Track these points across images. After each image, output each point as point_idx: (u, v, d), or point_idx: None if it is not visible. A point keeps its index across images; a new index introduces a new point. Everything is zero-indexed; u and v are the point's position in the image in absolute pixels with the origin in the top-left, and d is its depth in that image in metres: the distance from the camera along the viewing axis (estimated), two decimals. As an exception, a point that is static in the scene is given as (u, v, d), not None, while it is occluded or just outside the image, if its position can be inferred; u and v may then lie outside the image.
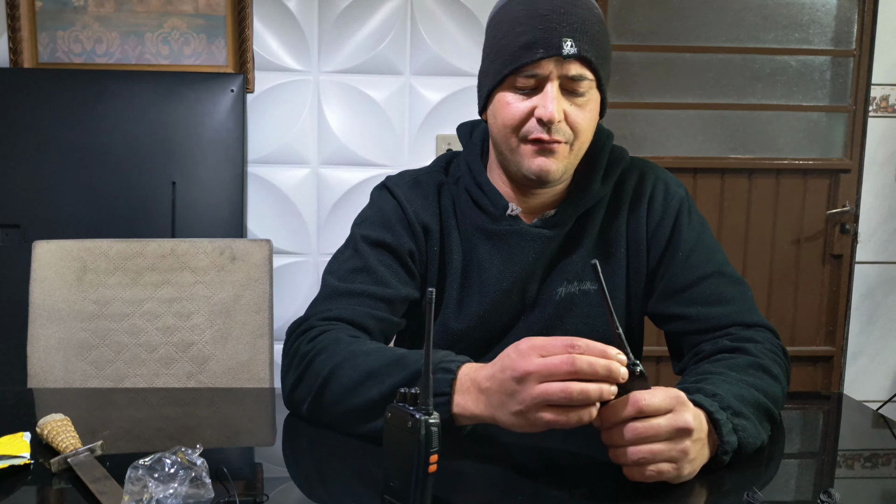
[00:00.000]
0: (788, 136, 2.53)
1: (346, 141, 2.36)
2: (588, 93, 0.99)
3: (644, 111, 2.51)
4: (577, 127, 0.99)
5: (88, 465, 0.79)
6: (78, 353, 1.41)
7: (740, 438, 0.81)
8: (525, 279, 1.08)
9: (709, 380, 0.89)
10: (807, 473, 0.89)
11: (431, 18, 2.33)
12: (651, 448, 0.74)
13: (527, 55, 0.96)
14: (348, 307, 1.01)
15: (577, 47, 0.96)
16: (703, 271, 1.06)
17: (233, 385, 1.43)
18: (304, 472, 0.86)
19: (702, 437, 0.78)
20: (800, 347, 2.61)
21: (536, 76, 0.97)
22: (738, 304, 1.04)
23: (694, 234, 1.08)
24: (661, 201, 1.10)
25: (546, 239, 1.06)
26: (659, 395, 0.75)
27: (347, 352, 0.91)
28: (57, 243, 1.42)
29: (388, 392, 0.84)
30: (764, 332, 1.02)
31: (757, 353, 0.95)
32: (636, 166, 1.13)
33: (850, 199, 2.55)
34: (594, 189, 1.07)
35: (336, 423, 0.91)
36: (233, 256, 1.45)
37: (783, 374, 0.96)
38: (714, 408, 0.81)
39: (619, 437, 0.75)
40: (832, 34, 2.49)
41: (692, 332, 1.05)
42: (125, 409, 1.04)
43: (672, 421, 0.75)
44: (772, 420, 0.90)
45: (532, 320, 1.09)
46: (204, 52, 2.32)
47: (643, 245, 1.09)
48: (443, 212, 1.11)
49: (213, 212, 2.25)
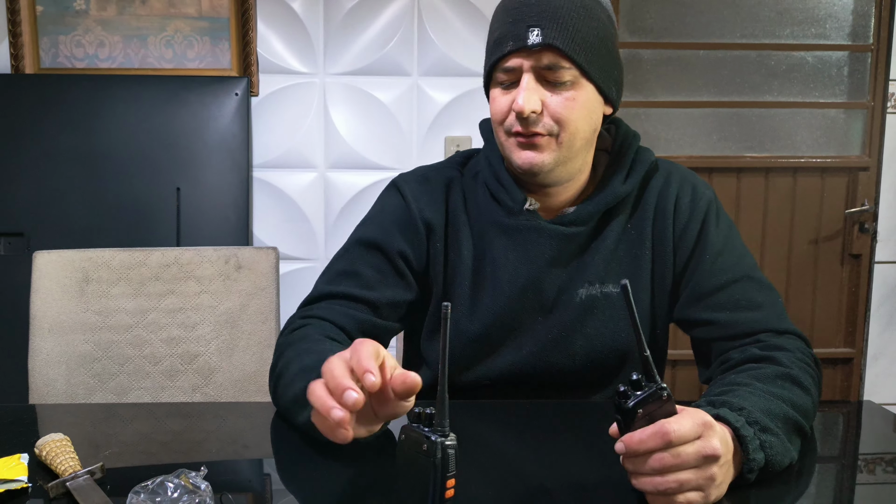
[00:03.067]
0: (806, 133, 2.50)
1: (354, 144, 2.32)
2: (572, 83, 0.97)
3: (658, 110, 2.47)
4: (559, 118, 0.97)
5: (88, 489, 0.76)
6: (80, 366, 1.38)
7: (767, 456, 0.78)
8: (542, 278, 1.04)
9: (735, 391, 0.85)
10: (827, 479, 0.86)
11: (439, 18, 2.30)
12: (678, 478, 0.70)
13: (498, 50, 0.98)
14: (329, 309, 1.03)
15: (543, 35, 0.94)
16: (731, 275, 1.02)
17: (240, 397, 1.41)
18: (308, 487, 0.83)
19: (728, 460, 0.74)
20: (819, 349, 2.54)
21: (512, 70, 0.97)
22: (768, 310, 1.01)
23: (722, 237, 1.05)
24: (689, 203, 1.06)
25: (565, 237, 1.03)
26: (687, 423, 0.71)
27: (301, 348, 0.94)
28: (58, 253, 1.39)
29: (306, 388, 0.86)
30: (795, 341, 0.98)
31: (787, 363, 0.91)
32: (663, 167, 1.10)
33: (869, 197, 2.50)
34: (615, 188, 1.04)
35: (283, 414, 0.94)
36: (238, 265, 1.42)
37: (814, 386, 0.92)
38: (740, 423, 0.78)
39: (644, 465, 0.71)
40: (849, 29, 2.45)
41: (720, 339, 1.01)
42: (129, 424, 1.02)
43: (700, 449, 0.71)
44: (802, 435, 0.85)
45: (551, 323, 1.06)
46: (208, 55, 2.29)
47: (669, 247, 1.06)
48: (451, 208, 1.09)
49: (218, 217, 2.23)
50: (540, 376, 1.06)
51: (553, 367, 1.07)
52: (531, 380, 1.07)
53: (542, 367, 1.06)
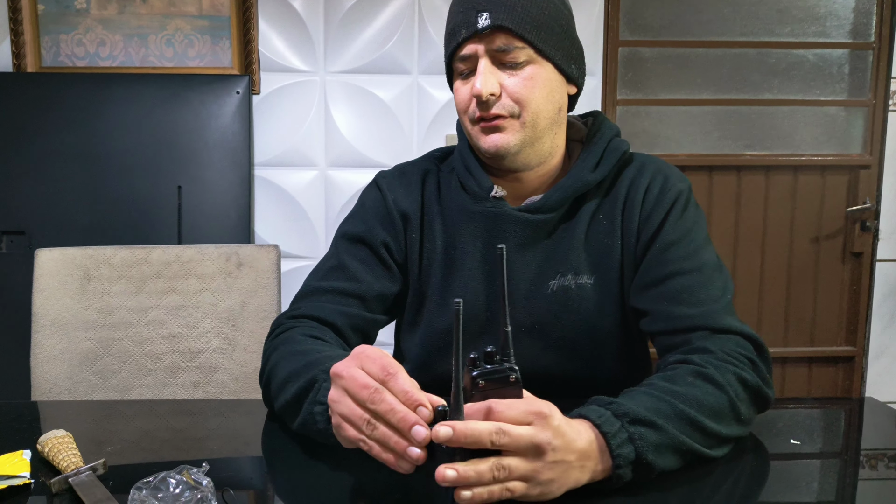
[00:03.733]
0: (806, 131, 2.49)
1: (354, 142, 2.32)
2: (527, 63, 0.97)
3: (658, 108, 2.47)
4: (518, 98, 0.97)
5: (90, 485, 0.76)
6: (82, 364, 1.38)
7: (638, 449, 0.73)
8: (509, 266, 1.02)
9: (630, 392, 0.81)
10: (830, 475, 0.85)
11: (439, 16, 2.29)
12: (502, 462, 0.66)
13: (453, 40, 0.99)
14: (317, 305, 1.03)
15: (492, 18, 0.95)
16: (678, 266, 0.98)
17: (241, 394, 1.41)
18: (308, 483, 0.83)
19: (564, 459, 0.69)
20: (820, 348, 2.56)
21: (467, 58, 0.98)
22: (708, 307, 0.95)
23: (681, 229, 1.01)
24: (657, 193, 1.03)
25: (532, 225, 1.02)
26: (518, 407, 0.67)
27: (286, 351, 0.94)
28: (59, 251, 1.39)
29: (296, 394, 0.86)
30: (731, 340, 0.91)
31: (701, 363, 0.86)
32: (638, 159, 1.08)
33: (871, 195, 2.50)
34: (583, 175, 1.03)
35: (279, 417, 0.94)
36: (239, 263, 1.42)
37: (738, 384, 0.85)
38: (603, 418, 0.73)
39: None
40: (850, 27, 2.45)
41: (659, 333, 0.98)
42: (131, 421, 1.02)
43: (530, 435, 0.66)
44: (707, 432, 0.79)
45: (524, 314, 1.04)
46: (208, 53, 2.29)
47: (634, 237, 1.03)
48: (426, 199, 1.10)
49: (219, 215, 2.23)
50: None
51: (527, 360, 1.02)
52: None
53: (516, 359, 1.04)
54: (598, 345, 1.05)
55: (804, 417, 1.06)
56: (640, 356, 1.11)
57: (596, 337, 1.05)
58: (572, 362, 1.05)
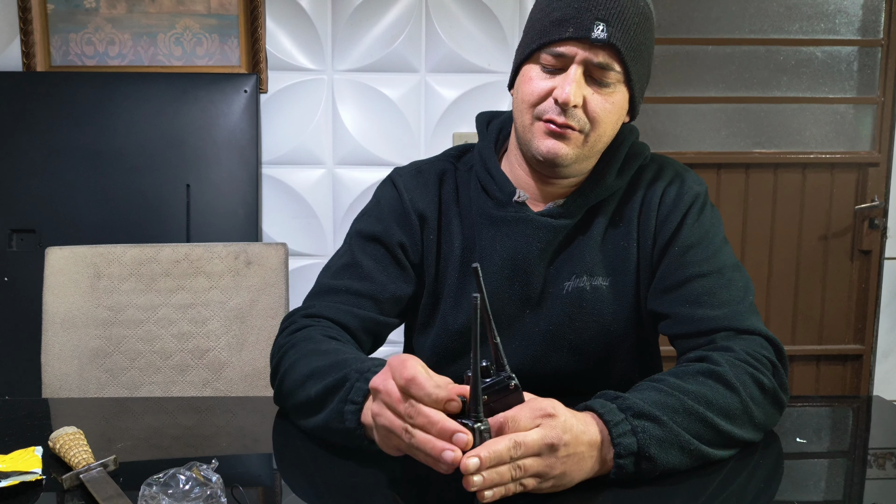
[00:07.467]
0: (815, 129, 2.48)
1: (362, 140, 2.33)
2: (614, 86, 0.96)
3: (666, 105, 2.46)
4: (595, 116, 0.95)
5: (101, 481, 0.77)
6: (92, 361, 1.39)
7: (641, 442, 0.75)
8: (529, 270, 1.03)
9: (640, 387, 0.83)
10: (837, 474, 0.86)
11: (447, 14, 2.29)
12: (522, 465, 0.70)
13: (555, 32, 0.94)
14: (331, 305, 1.02)
15: (608, 33, 0.92)
16: (698, 269, 0.99)
17: (250, 391, 1.41)
18: (316, 481, 0.83)
19: (577, 451, 0.73)
20: (828, 346, 2.55)
21: (562, 56, 0.94)
22: (730, 308, 0.95)
23: (699, 232, 1.02)
24: (674, 196, 1.03)
25: (552, 228, 1.02)
26: (524, 414, 0.71)
27: (307, 349, 0.93)
28: (70, 249, 1.40)
29: (322, 391, 0.85)
30: (756, 341, 0.92)
31: (718, 361, 0.86)
32: (656, 161, 1.08)
33: (879, 193, 2.49)
34: (608, 181, 1.03)
35: (289, 415, 0.95)
36: (248, 261, 1.42)
37: (754, 386, 0.85)
38: (607, 409, 0.76)
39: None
40: (859, 24, 2.44)
41: (681, 336, 0.98)
42: (141, 418, 1.02)
43: (541, 437, 0.70)
44: (716, 430, 0.80)
45: (538, 316, 1.04)
46: (217, 52, 2.30)
47: (650, 240, 1.03)
48: (443, 200, 1.08)
49: (228, 214, 2.24)
50: (528, 370, 1.04)
51: (541, 361, 1.05)
52: (519, 374, 1.07)
53: (530, 360, 1.05)
54: (611, 346, 1.05)
55: (812, 415, 1.06)
56: (652, 359, 1.12)
57: (609, 339, 1.05)
58: (585, 363, 1.06)
